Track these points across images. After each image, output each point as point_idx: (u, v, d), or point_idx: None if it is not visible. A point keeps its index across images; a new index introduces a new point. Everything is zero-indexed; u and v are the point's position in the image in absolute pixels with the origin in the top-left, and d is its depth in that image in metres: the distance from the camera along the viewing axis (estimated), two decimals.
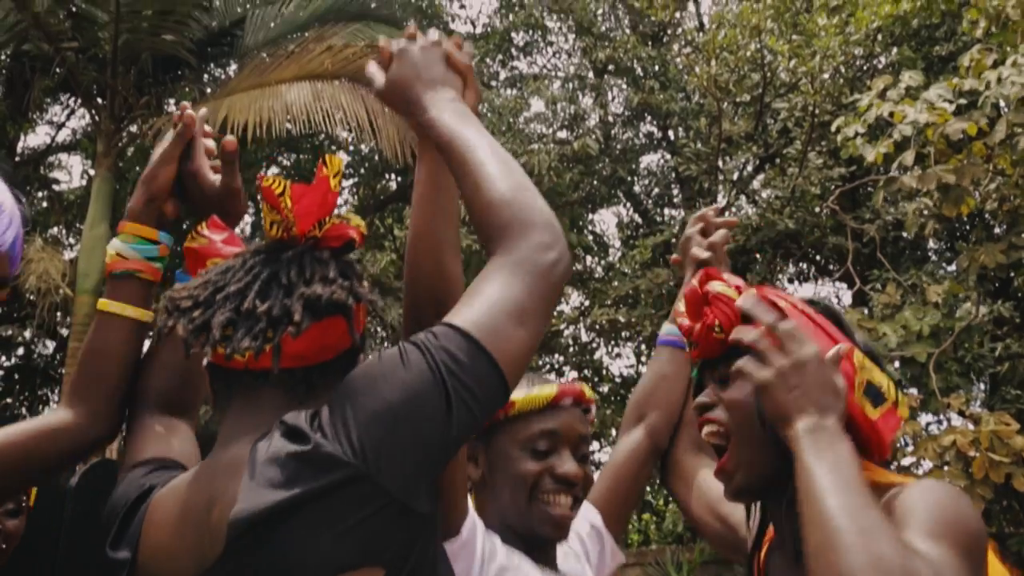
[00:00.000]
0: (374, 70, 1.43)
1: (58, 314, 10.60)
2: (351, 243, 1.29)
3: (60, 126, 14.35)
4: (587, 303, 13.89)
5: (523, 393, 1.73)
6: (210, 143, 1.59)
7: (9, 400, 14.27)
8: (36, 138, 22.76)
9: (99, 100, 10.23)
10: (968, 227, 11.01)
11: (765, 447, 1.42)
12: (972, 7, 6.37)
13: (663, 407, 2.00)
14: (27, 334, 14.11)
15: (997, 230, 9.79)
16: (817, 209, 11.14)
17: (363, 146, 13.84)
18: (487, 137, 1.32)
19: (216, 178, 1.54)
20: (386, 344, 12.35)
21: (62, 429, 1.44)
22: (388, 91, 1.40)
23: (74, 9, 9.63)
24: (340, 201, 1.28)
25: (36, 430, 1.45)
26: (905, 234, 8.64)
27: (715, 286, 1.51)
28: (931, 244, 12.15)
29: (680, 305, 1.69)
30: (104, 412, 1.47)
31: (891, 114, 6.30)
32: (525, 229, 1.22)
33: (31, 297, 10.04)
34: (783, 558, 1.49)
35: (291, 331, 1.17)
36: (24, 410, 14.06)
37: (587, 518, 1.92)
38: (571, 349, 13.70)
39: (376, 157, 13.25)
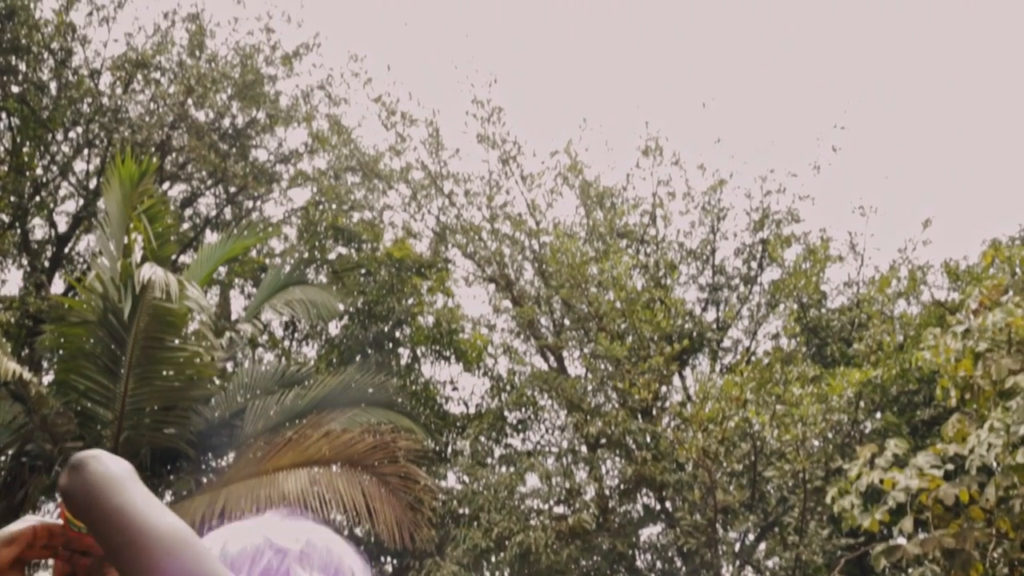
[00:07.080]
0: None
1: None
2: None
3: None
4: None
5: None
6: None
7: None
8: None
9: None
10: None
11: None
12: (943, 377, 6.65)
13: None
14: None
15: None
16: None
17: (358, 529, 13.66)
18: None
19: None
20: None
21: None
22: None
23: (79, 409, 9.93)
24: None
25: None
26: None
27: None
28: None
29: None
30: None
31: (882, 481, 6.36)
32: None
33: None
34: None
35: None
36: None
37: None
38: None
39: (371, 539, 13.03)
